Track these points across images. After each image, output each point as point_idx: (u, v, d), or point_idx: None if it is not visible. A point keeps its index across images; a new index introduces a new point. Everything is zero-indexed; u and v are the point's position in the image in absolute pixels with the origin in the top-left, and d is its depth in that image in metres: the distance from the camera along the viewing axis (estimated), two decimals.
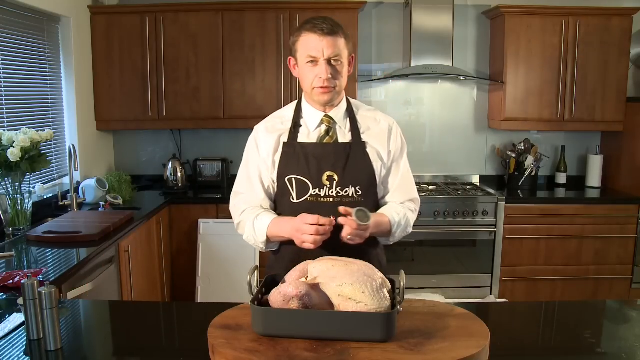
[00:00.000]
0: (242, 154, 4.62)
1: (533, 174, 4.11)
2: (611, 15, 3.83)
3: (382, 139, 1.73)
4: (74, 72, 3.55)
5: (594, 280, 3.83)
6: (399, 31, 4.13)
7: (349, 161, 1.66)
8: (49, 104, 3.38)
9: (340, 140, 1.70)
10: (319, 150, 1.67)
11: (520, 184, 4.11)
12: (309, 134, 1.71)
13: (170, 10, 3.78)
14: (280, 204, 1.73)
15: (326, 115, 1.70)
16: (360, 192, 1.66)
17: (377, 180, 1.71)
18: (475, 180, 4.33)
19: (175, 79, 3.84)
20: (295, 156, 1.67)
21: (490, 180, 4.31)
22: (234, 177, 4.75)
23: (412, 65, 3.84)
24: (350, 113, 1.74)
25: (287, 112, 1.77)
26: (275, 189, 1.73)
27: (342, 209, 1.54)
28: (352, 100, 1.78)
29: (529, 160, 4.10)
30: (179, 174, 3.95)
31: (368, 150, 1.70)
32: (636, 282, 3.83)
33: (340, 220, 1.52)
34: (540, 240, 3.76)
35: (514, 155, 4.14)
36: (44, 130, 2.81)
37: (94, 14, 3.77)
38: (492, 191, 3.91)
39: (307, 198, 1.65)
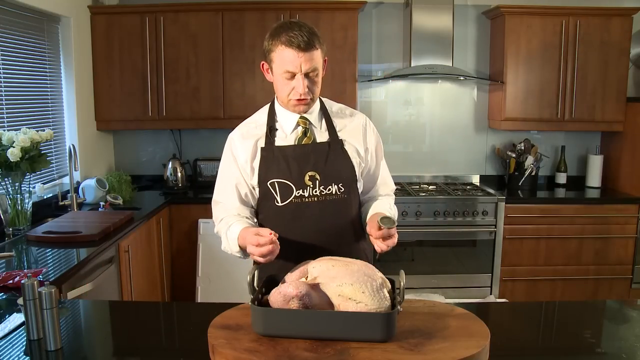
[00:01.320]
0: None
1: (533, 174, 4.11)
2: (611, 15, 3.83)
3: (357, 135, 1.76)
4: (74, 72, 3.55)
5: (594, 280, 3.83)
6: (399, 31, 4.13)
7: (329, 159, 1.68)
8: (49, 104, 3.38)
9: (318, 140, 1.71)
10: (298, 151, 1.68)
11: (520, 184, 4.11)
12: (285, 137, 1.71)
13: (170, 10, 3.78)
14: (264, 208, 1.72)
15: (302, 117, 1.70)
16: (343, 189, 1.68)
17: (357, 175, 1.73)
18: (475, 180, 4.33)
19: (175, 79, 3.84)
20: (274, 160, 1.67)
21: (490, 180, 4.31)
22: None
23: (412, 65, 3.84)
24: (324, 112, 1.75)
25: (260, 117, 1.77)
26: (255, 195, 1.74)
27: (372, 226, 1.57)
28: (323, 99, 1.79)
29: (529, 160, 4.10)
30: (179, 174, 3.95)
31: (346, 147, 1.72)
32: (636, 282, 3.83)
33: (370, 231, 1.57)
34: (540, 240, 3.76)
35: (514, 155, 4.14)
36: (44, 130, 2.81)
37: (94, 14, 3.77)
38: (492, 191, 3.91)
39: (291, 200, 1.66)
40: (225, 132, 4.90)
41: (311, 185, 1.66)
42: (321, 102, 1.77)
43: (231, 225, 1.67)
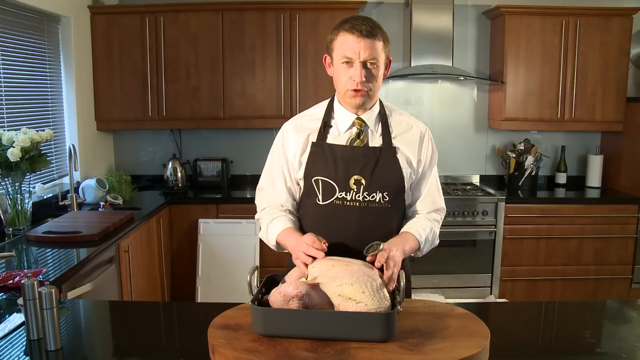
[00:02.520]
0: (242, 154, 4.61)
1: (533, 174, 4.11)
2: (611, 15, 3.83)
3: (413, 145, 1.68)
4: (74, 72, 3.54)
5: (594, 280, 3.83)
6: (399, 31, 4.13)
7: (378, 166, 1.62)
8: (49, 104, 3.38)
9: (370, 144, 1.66)
10: (347, 152, 1.63)
11: (520, 184, 4.11)
12: (339, 135, 1.67)
13: (170, 10, 3.78)
14: (305, 205, 1.70)
15: (358, 118, 1.66)
16: (387, 198, 1.62)
17: (406, 186, 1.67)
18: (475, 180, 4.33)
19: (175, 79, 3.84)
20: (323, 157, 1.64)
21: (490, 180, 4.31)
22: (234, 177, 4.74)
23: (412, 65, 3.84)
24: (383, 117, 1.69)
25: (317, 111, 1.73)
26: (299, 189, 1.71)
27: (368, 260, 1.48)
28: (385, 103, 1.73)
29: (529, 160, 4.10)
30: (179, 174, 3.95)
31: (398, 155, 1.65)
32: (636, 282, 3.83)
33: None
34: (540, 240, 3.76)
35: (514, 155, 4.14)
36: (44, 130, 2.81)
37: (94, 14, 3.77)
38: (492, 191, 3.91)
39: (333, 201, 1.62)
40: (225, 132, 4.91)
41: (355, 190, 1.61)
42: (381, 106, 1.71)
43: (275, 219, 1.66)
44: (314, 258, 1.43)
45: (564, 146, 4.23)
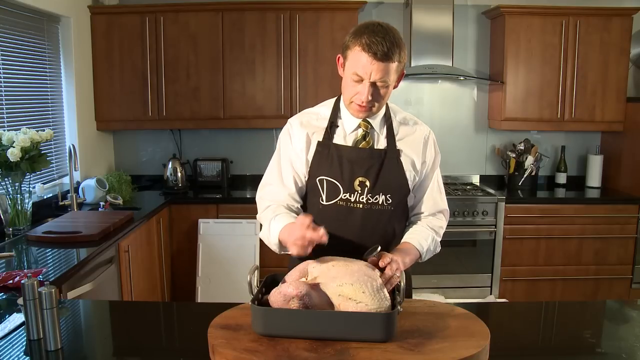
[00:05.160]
0: (242, 154, 4.60)
1: (533, 174, 4.11)
2: (611, 15, 3.83)
3: (417, 147, 1.69)
4: (74, 72, 3.54)
5: (594, 280, 3.83)
6: (399, 31, 4.12)
7: (383, 168, 1.62)
8: (49, 104, 3.38)
9: (376, 147, 1.66)
10: (353, 154, 1.63)
11: (520, 184, 4.11)
12: (345, 136, 1.66)
13: (170, 10, 3.78)
14: (309, 205, 1.69)
15: (364, 120, 1.65)
16: (390, 201, 1.63)
17: (409, 189, 1.68)
18: (475, 180, 4.33)
19: (175, 79, 3.84)
20: (328, 157, 1.63)
21: (490, 180, 4.31)
22: (234, 177, 4.73)
23: (412, 65, 3.84)
24: (388, 119, 1.69)
25: (323, 110, 1.72)
26: (306, 187, 1.69)
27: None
28: (390, 105, 1.72)
29: (529, 160, 4.10)
30: (179, 174, 3.95)
31: (402, 158, 1.66)
32: (636, 282, 3.83)
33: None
34: (540, 240, 3.76)
35: (514, 155, 4.14)
36: (44, 130, 2.81)
37: (94, 14, 3.77)
38: (492, 191, 3.91)
39: (337, 201, 1.61)
40: (226, 132, 4.90)
41: (359, 191, 1.61)
42: (387, 108, 1.70)
43: (277, 216, 1.60)
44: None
45: (564, 146, 4.23)
